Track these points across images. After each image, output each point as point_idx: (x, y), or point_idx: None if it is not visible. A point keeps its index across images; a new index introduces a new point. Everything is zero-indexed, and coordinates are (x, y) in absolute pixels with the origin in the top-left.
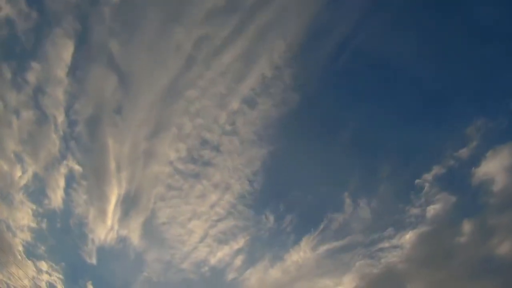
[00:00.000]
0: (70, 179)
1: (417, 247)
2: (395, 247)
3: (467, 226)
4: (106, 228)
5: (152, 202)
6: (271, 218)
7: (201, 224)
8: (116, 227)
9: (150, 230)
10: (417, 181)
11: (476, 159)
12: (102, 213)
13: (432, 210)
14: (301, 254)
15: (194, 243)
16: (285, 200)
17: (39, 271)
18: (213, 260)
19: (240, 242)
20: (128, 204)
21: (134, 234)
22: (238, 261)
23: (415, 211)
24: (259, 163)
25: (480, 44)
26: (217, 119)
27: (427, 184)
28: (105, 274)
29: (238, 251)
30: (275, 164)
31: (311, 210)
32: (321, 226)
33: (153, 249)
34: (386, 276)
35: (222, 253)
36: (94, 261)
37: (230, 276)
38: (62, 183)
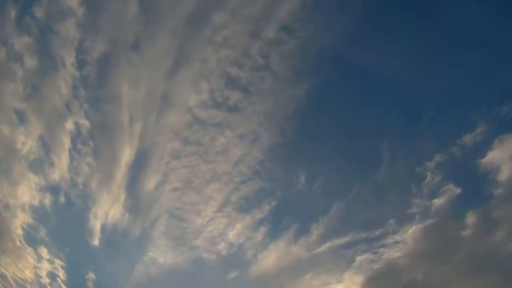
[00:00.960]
0: (76, 138)
1: (420, 240)
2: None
3: (471, 218)
4: (112, 200)
5: (165, 162)
6: (302, 178)
7: (221, 188)
8: (122, 197)
9: (159, 199)
10: (418, 168)
11: (482, 148)
12: (109, 181)
13: (436, 201)
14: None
15: (211, 213)
16: (322, 156)
17: (40, 258)
18: (231, 234)
19: (264, 210)
20: (138, 167)
21: (141, 205)
22: (259, 234)
23: (417, 202)
24: (294, 105)
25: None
26: (248, 51)
27: (429, 174)
28: (109, 256)
29: (261, 222)
30: (314, 106)
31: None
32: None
33: (161, 223)
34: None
35: (242, 224)
36: (97, 242)
37: (249, 253)
38: (67, 143)
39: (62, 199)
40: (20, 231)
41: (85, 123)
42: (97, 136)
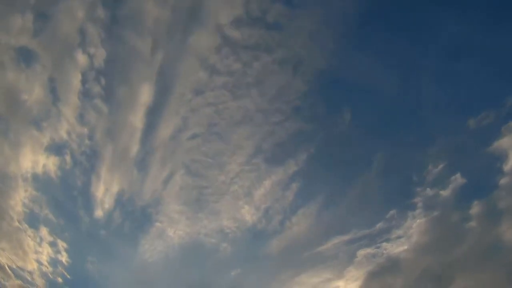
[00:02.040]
0: (88, 73)
1: (423, 233)
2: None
3: (476, 209)
4: (121, 156)
5: (186, 100)
6: (348, 116)
7: (252, 132)
8: (134, 151)
9: (175, 150)
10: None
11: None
12: (121, 131)
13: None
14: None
15: (237, 167)
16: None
17: (41, 241)
18: (258, 194)
19: (299, 160)
20: (155, 109)
21: (154, 160)
22: (290, 194)
23: (420, 191)
24: (349, 20)
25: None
26: None
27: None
28: (113, 233)
29: (293, 177)
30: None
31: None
32: None
33: (175, 182)
34: None
35: (271, 181)
36: (101, 213)
37: (276, 220)
38: (77, 83)
39: (67, 160)
40: (20, 208)
41: (99, 53)
42: (112, 72)
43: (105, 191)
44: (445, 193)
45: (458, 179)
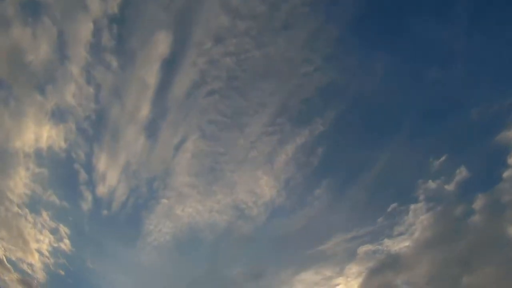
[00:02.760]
0: (101, 21)
1: (426, 227)
2: None
3: (480, 202)
4: (131, 118)
5: (205, 49)
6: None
7: (278, 87)
8: (144, 113)
9: (189, 110)
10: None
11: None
12: (132, 91)
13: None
14: None
15: (259, 128)
16: None
17: (42, 227)
18: (278, 162)
19: (327, 119)
20: (171, 62)
21: (165, 124)
22: (315, 159)
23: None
24: None
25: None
26: None
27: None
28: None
29: (319, 140)
30: None
31: None
32: None
33: (187, 149)
34: None
35: (293, 146)
36: (105, 190)
37: (296, 193)
38: (87, 32)
39: (72, 129)
40: (21, 190)
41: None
42: (126, 19)
43: (109, 164)
44: (448, 186)
45: (462, 172)
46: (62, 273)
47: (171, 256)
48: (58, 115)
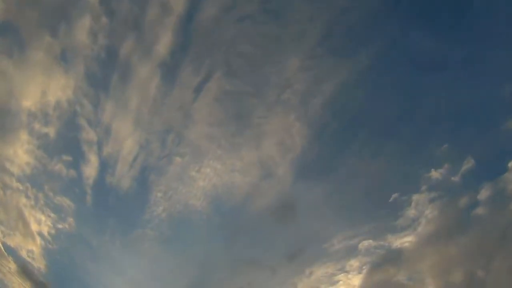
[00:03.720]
0: None
1: (430, 219)
2: None
3: (484, 193)
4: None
5: None
6: None
7: (322, 7)
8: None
9: (217, 38)
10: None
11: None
12: (151, 21)
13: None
14: None
15: (297, 60)
16: None
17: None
18: (313, 104)
19: (370, 52)
20: None
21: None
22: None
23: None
24: None
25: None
26: None
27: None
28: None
29: (363, 76)
30: None
31: None
32: None
33: (209, 88)
34: None
35: (332, 84)
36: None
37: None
38: None
39: (79, 72)
40: (22, 159)
41: None
42: None
43: (117, 114)
44: (452, 175)
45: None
46: (65, 259)
47: (181, 231)
48: (67, 59)
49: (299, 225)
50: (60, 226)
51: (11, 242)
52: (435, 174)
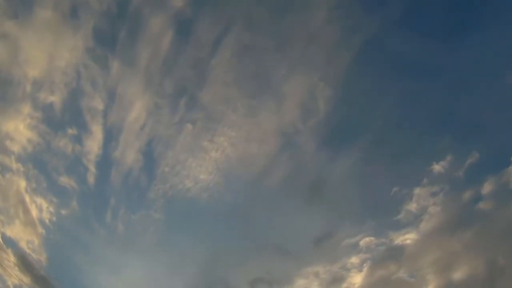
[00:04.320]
0: None
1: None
2: None
3: (488, 187)
4: None
5: None
6: None
7: None
8: None
9: None
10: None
11: None
12: None
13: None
14: None
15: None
16: None
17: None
18: (342, 56)
19: None
20: None
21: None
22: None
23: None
24: None
25: None
26: None
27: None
28: None
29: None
30: None
31: None
32: None
33: (225, 46)
34: None
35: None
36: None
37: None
38: None
39: (88, 30)
40: (23, 135)
41: None
42: None
43: (124, 72)
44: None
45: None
46: (67, 249)
47: (189, 211)
48: (77, 16)
49: (326, 205)
50: (63, 212)
51: (10, 232)
52: (437, 167)
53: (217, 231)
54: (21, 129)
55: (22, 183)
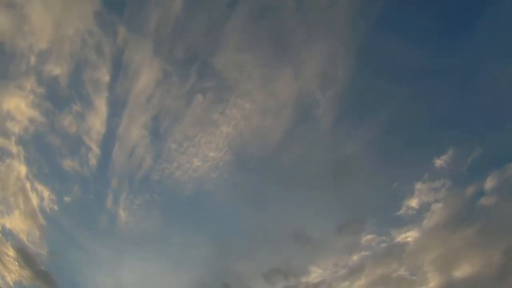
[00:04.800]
0: None
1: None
2: None
3: (491, 182)
4: None
5: None
6: None
7: None
8: None
9: None
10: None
11: None
12: None
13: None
14: None
15: None
16: None
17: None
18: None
19: None
20: None
21: None
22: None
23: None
24: None
25: None
26: None
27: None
28: None
29: None
30: None
31: None
32: None
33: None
34: None
35: None
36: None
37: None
38: None
39: None
40: (23, 114)
41: None
42: None
43: (131, 37)
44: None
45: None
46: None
47: (197, 193)
48: None
49: (348, 186)
50: (65, 198)
51: (9, 224)
52: (439, 161)
53: (227, 216)
54: (22, 108)
55: (23, 169)
